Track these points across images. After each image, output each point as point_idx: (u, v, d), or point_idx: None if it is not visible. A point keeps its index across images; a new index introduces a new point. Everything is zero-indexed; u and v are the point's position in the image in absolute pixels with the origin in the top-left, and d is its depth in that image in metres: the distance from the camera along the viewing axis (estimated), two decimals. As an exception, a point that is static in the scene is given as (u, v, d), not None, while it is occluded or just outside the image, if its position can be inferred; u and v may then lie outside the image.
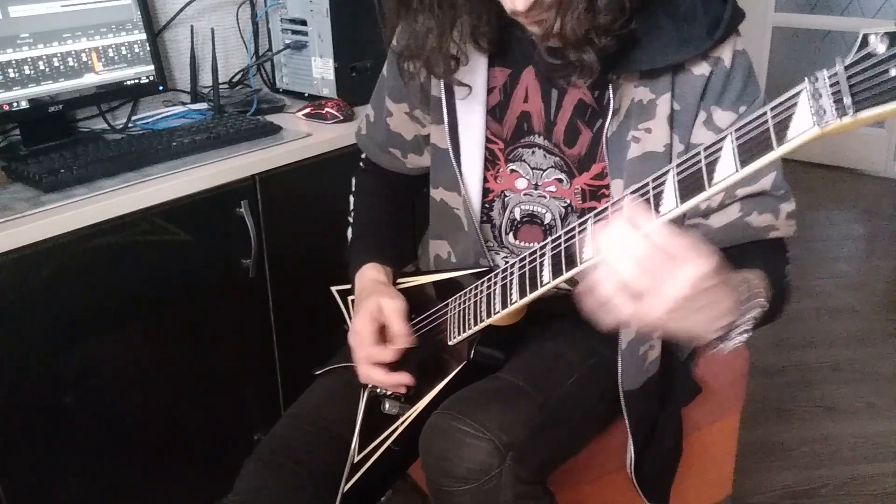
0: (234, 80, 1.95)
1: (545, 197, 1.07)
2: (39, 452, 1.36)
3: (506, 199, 1.09)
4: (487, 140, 1.08)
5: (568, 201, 1.06)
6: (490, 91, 1.06)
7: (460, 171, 1.08)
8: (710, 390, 1.25)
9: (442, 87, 1.06)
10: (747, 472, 1.88)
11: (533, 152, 1.06)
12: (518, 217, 1.09)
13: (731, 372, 1.39)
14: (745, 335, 0.82)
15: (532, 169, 1.07)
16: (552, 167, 1.06)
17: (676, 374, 1.18)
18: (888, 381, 2.27)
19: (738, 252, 0.97)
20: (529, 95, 1.04)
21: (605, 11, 0.85)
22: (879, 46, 0.56)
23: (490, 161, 1.09)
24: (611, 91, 0.95)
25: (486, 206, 1.11)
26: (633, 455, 1.11)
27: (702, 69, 0.94)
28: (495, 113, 1.07)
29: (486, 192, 1.10)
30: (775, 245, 1.03)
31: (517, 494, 0.94)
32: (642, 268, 0.71)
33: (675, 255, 0.70)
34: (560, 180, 1.06)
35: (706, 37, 0.91)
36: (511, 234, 1.10)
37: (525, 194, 1.08)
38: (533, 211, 1.08)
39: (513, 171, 1.08)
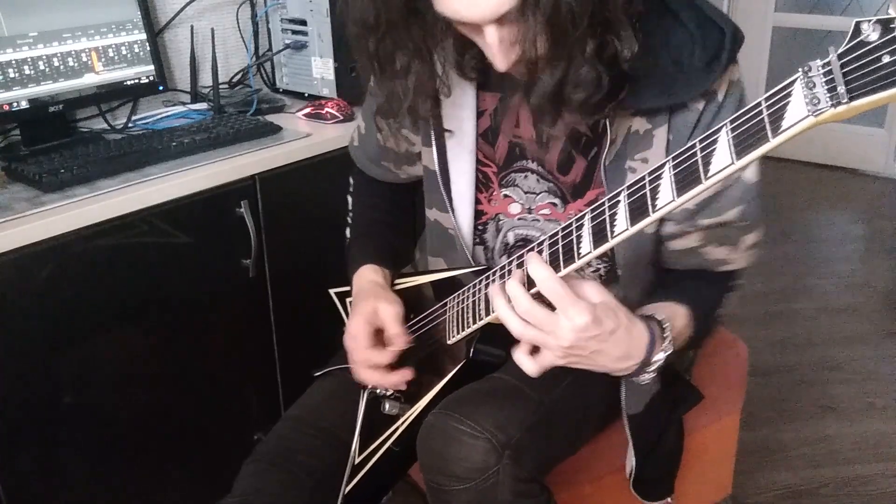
0: (234, 80, 1.95)
1: (539, 220, 1.07)
2: (39, 452, 1.36)
3: (500, 222, 1.09)
4: (480, 163, 1.07)
5: (562, 224, 1.06)
6: (481, 114, 1.05)
7: (449, 197, 1.07)
8: (711, 391, 1.25)
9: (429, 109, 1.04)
10: (747, 472, 1.88)
11: (526, 177, 1.06)
12: (512, 241, 1.09)
13: (731, 372, 1.39)
14: (656, 373, 0.90)
15: (525, 193, 1.06)
16: (545, 192, 1.05)
17: (678, 384, 1.18)
18: (888, 381, 2.27)
19: (679, 277, 1.05)
20: (521, 121, 1.03)
21: (579, 89, 0.82)
22: (872, 34, 0.56)
23: (483, 183, 1.08)
24: (607, 122, 0.94)
25: (480, 227, 1.10)
26: (633, 468, 1.11)
27: (697, 104, 0.93)
28: (487, 136, 1.06)
29: (479, 214, 1.09)
30: (721, 278, 1.06)
31: (515, 493, 0.94)
32: (527, 322, 0.82)
33: (555, 307, 0.80)
34: (554, 204, 1.05)
35: (705, 73, 0.89)
36: (504, 257, 1.10)
37: (519, 219, 1.08)
38: (527, 235, 1.08)
39: (506, 196, 1.07)
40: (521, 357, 0.86)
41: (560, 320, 0.80)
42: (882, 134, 3.75)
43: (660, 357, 0.89)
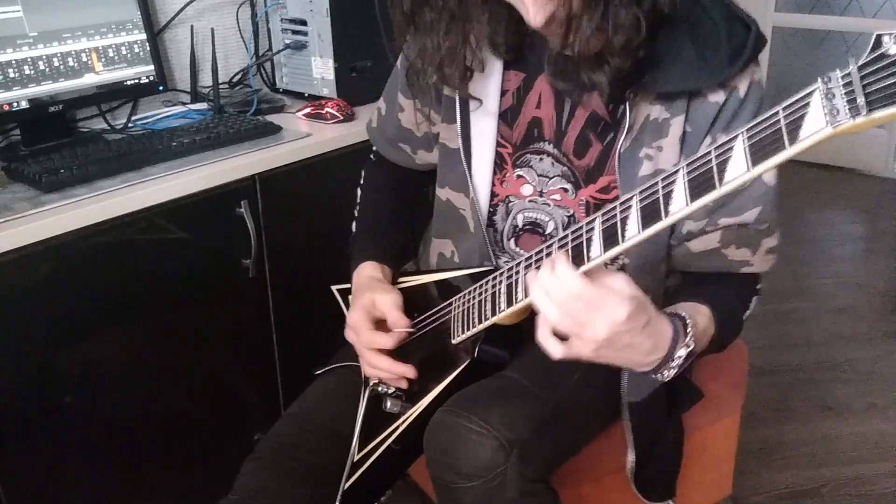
0: (234, 80, 1.95)
1: (549, 205, 1.07)
2: (39, 452, 1.36)
3: (510, 204, 1.09)
4: (497, 143, 1.07)
5: (571, 211, 1.06)
6: (503, 94, 1.05)
7: (470, 174, 1.08)
8: (711, 390, 1.25)
9: None
10: (747, 472, 1.88)
11: (541, 159, 1.06)
12: (520, 224, 1.09)
13: (731, 372, 1.39)
14: (677, 369, 0.88)
15: (538, 176, 1.07)
16: (559, 175, 1.05)
17: (678, 381, 1.18)
18: (888, 381, 2.27)
19: (701, 280, 1.04)
20: (542, 102, 1.04)
21: (619, 32, 0.84)
22: (893, 47, 0.57)
23: (498, 165, 1.08)
24: (627, 107, 0.94)
25: (491, 209, 1.10)
26: (633, 463, 1.11)
27: (717, 97, 0.94)
28: (506, 117, 1.06)
29: (491, 195, 1.09)
30: (744, 280, 1.05)
31: (522, 492, 0.94)
32: (563, 313, 0.79)
33: (592, 303, 0.78)
34: (565, 189, 1.06)
35: (727, 65, 0.90)
36: (512, 240, 1.10)
37: (530, 201, 1.08)
38: (536, 219, 1.08)
39: (519, 176, 1.08)
40: (548, 340, 0.82)
41: (596, 314, 0.78)
42: (882, 134, 3.75)
43: (681, 353, 0.87)
